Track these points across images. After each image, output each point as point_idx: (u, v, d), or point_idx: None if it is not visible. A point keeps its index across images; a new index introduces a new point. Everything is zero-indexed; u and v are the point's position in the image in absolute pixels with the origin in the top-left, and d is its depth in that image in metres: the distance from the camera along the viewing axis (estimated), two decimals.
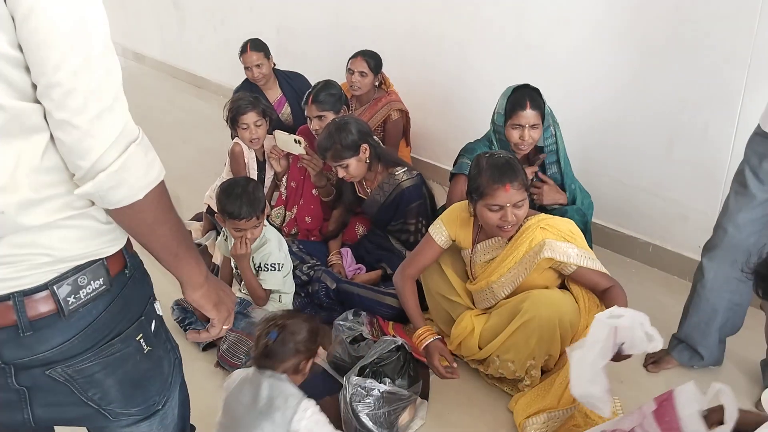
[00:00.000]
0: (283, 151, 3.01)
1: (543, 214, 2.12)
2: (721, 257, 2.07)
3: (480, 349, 2.19)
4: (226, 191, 2.29)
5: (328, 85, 2.94)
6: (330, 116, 2.84)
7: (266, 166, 3.14)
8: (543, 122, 2.42)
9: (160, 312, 1.17)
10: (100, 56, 0.88)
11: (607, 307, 1.97)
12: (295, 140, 2.88)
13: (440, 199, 2.79)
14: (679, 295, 2.38)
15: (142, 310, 1.10)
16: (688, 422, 1.38)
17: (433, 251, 2.24)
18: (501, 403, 2.18)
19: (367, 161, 2.58)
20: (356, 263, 2.81)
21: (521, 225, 2.07)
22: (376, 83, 3.42)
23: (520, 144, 2.42)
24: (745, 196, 1.95)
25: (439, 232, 2.23)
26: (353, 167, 2.54)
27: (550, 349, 2.06)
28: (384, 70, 3.45)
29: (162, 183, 0.99)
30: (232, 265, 2.48)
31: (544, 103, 2.43)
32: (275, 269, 2.40)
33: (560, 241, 2.02)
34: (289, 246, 2.77)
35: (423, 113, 3.73)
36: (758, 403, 2.12)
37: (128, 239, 1.08)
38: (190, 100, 5.86)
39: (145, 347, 1.10)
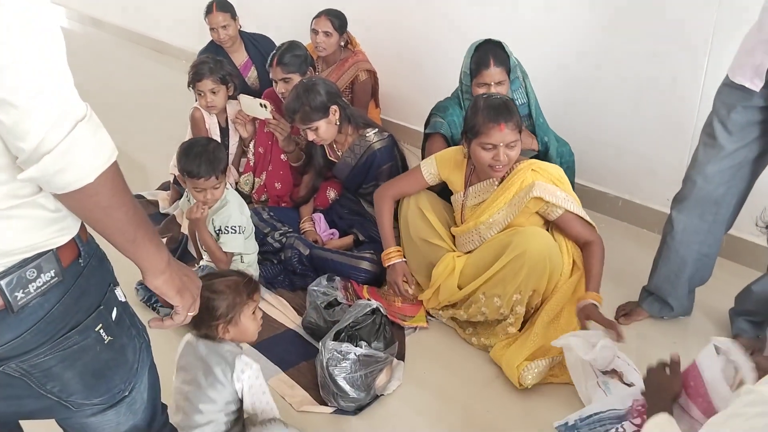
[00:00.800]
0: (248, 116, 2.94)
1: (533, 159, 2.16)
2: (690, 209, 2.08)
3: (460, 289, 2.21)
4: (185, 151, 2.27)
5: (292, 46, 2.86)
6: (296, 78, 2.77)
7: (230, 132, 3.06)
8: (509, 76, 2.40)
9: (122, 298, 1.11)
10: (38, 27, 0.81)
11: (586, 272, 2.08)
12: (260, 104, 2.81)
13: (411, 161, 2.75)
14: (648, 248, 2.41)
15: (101, 299, 1.05)
16: (714, 386, 1.38)
17: (416, 182, 2.30)
18: (477, 359, 2.20)
19: (337, 123, 2.53)
20: (329, 228, 2.77)
21: (512, 168, 2.13)
22: (342, 43, 3.34)
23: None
24: (714, 148, 1.95)
25: (429, 166, 2.28)
26: (323, 129, 2.49)
27: (538, 283, 2.08)
28: (350, 29, 3.37)
29: (115, 164, 0.93)
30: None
31: (508, 56, 2.40)
32: (236, 231, 2.37)
33: (549, 184, 2.09)
34: (259, 213, 2.75)
35: (391, 73, 3.67)
36: None
37: (82, 225, 1.01)
38: (152, 66, 5.70)
39: (106, 337, 1.05)
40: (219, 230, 2.37)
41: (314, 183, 2.78)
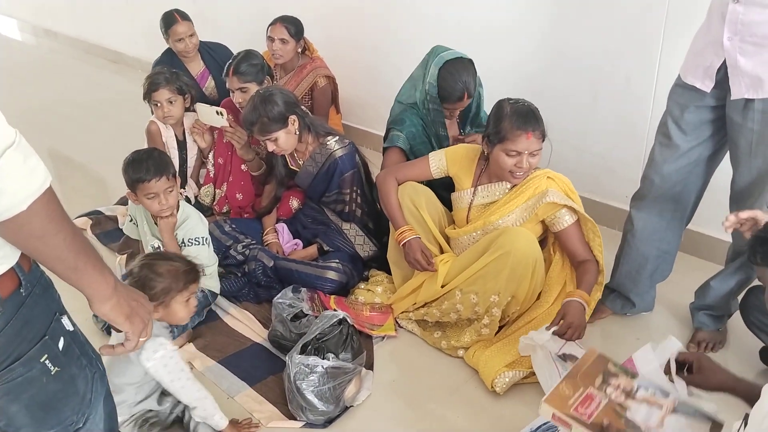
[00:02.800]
0: (206, 125, 2.88)
1: (548, 168, 2.17)
2: (648, 207, 2.10)
3: (442, 287, 2.20)
4: (129, 161, 2.25)
5: (248, 55, 2.80)
6: (253, 88, 2.72)
7: (188, 144, 2.99)
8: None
9: (70, 327, 1.06)
10: None
11: (578, 283, 2.08)
12: (216, 112, 2.75)
13: (375, 167, 2.72)
14: (609, 244, 2.41)
15: (46, 329, 1.00)
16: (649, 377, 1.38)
17: (422, 170, 2.28)
18: (446, 365, 2.18)
19: (297, 132, 2.48)
20: (293, 238, 2.73)
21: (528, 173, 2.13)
22: (299, 50, 3.30)
23: (449, 116, 2.47)
24: (669, 147, 1.97)
25: (438, 159, 2.26)
26: (282, 140, 2.45)
27: (518, 289, 2.07)
28: (307, 35, 3.33)
29: (49, 190, 0.88)
30: (151, 246, 2.37)
31: (476, 81, 2.40)
32: (200, 243, 2.33)
33: (562, 193, 2.10)
34: (221, 226, 2.69)
35: (351, 78, 3.64)
36: (689, 345, 2.20)
37: (23, 253, 0.97)
38: (108, 77, 5.56)
39: (53, 368, 1.00)
40: (183, 243, 2.32)
41: (276, 193, 2.73)
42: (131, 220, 2.42)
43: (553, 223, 2.14)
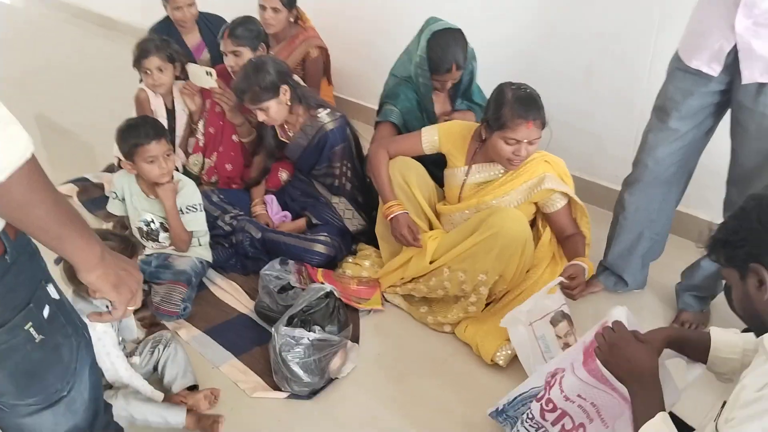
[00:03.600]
0: (196, 86, 2.83)
1: (545, 151, 2.15)
2: (641, 191, 2.09)
3: (430, 263, 2.20)
4: (124, 128, 2.24)
5: (246, 20, 2.78)
6: (246, 53, 2.69)
7: (176, 113, 2.94)
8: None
9: (55, 295, 1.05)
10: None
11: (567, 255, 2.11)
12: (206, 72, 2.72)
13: (365, 141, 2.70)
14: (600, 223, 2.41)
15: (30, 297, 0.99)
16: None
17: (413, 146, 2.26)
18: (431, 340, 2.18)
19: (288, 103, 2.46)
20: (281, 210, 2.71)
21: None
22: (291, 19, 3.23)
23: (441, 89, 2.43)
24: (665, 131, 1.95)
25: (430, 135, 2.24)
26: (273, 110, 2.42)
27: (506, 268, 2.06)
28: (299, 4, 3.26)
29: (31, 160, 0.86)
30: (142, 222, 2.35)
31: (466, 52, 2.36)
32: (197, 210, 2.35)
33: (557, 177, 2.10)
34: (209, 196, 2.67)
35: (343, 49, 3.58)
36: (672, 325, 2.21)
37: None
38: (100, 44, 5.46)
39: (37, 336, 1.00)
40: (180, 211, 2.33)
41: (265, 164, 2.70)
42: (116, 197, 2.39)
43: (546, 205, 2.15)
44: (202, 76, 2.74)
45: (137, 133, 2.18)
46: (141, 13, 4.87)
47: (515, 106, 1.96)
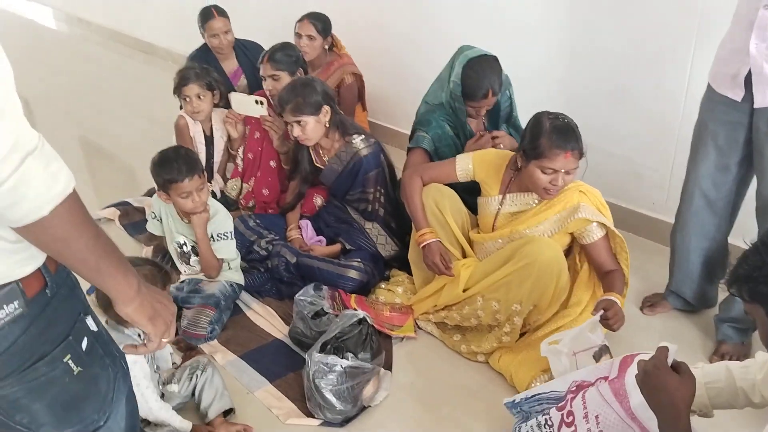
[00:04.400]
0: (240, 115, 2.90)
1: (579, 180, 2.14)
2: (693, 224, 2.12)
3: (464, 292, 2.20)
4: (158, 163, 2.28)
5: (286, 46, 2.87)
6: (285, 77, 2.77)
7: (215, 140, 3.02)
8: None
9: (94, 327, 1.08)
10: None
11: (604, 290, 2.06)
12: (255, 101, 2.78)
13: (400, 165, 2.72)
14: (634, 250, 2.35)
15: (70, 330, 1.02)
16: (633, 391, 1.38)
17: (447, 172, 2.27)
18: (465, 368, 2.18)
19: (327, 125, 2.51)
20: (316, 235, 2.74)
21: None
22: (326, 46, 3.30)
23: (475, 115, 2.45)
24: (707, 161, 1.97)
25: (464, 162, 2.24)
26: (310, 127, 2.47)
27: (541, 298, 2.06)
28: (335, 31, 3.33)
29: (72, 195, 0.90)
30: (176, 243, 2.41)
31: (501, 79, 2.37)
32: (227, 238, 2.40)
33: (593, 208, 2.08)
34: (245, 221, 2.73)
35: (378, 75, 3.63)
36: (712, 357, 2.17)
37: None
38: (139, 68, 5.62)
39: (75, 368, 1.02)
40: (212, 238, 2.38)
41: (300, 189, 2.75)
42: (155, 217, 2.46)
43: (583, 236, 2.12)
44: (249, 104, 2.81)
45: (170, 169, 2.23)
46: (180, 39, 5.00)
47: (553, 136, 1.96)
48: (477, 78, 2.32)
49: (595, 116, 2.82)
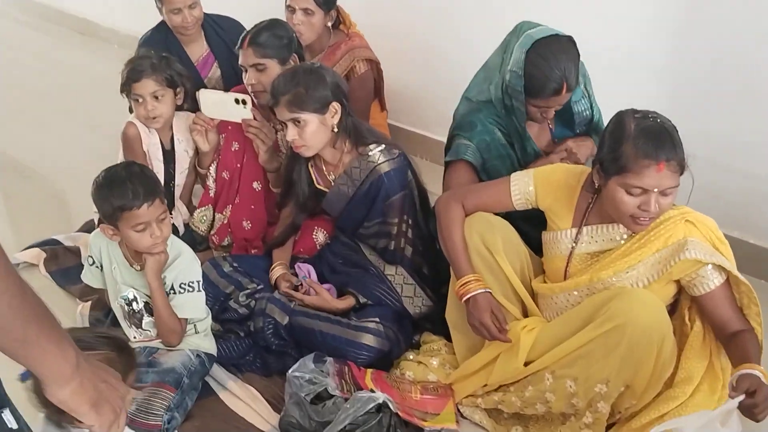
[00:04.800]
0: (213, 119, 2.91)
1: (685, 206, 2.12)
2: None
3: (526, 366, 2.18)
4: (104, 184, 2.27)
5: (274, 24, 2.87)
6: (273, 67, 2.78)
7: (176, 155, 3.04)
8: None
9: (13, 424, 1.09)
10: None
11: (733, 359, 2.01)
12: (235, 100, 2.78)
13: (433, 188, 2.73)
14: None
15: None
16: None
17: (498, 196, 2.27)
18: None
19: (334, 129, 2.53)
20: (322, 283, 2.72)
21: None
22: (329, 23, 3.33)
23: (540, 120, 2.46)
24: None
25: (523, 183, 2.24)
26: (311, 129, 2.48)
27: (636, 376, 2.02)
28: (341, 3, 3.37)
29: None
30: (122, 299, 2.42)
31: (578, 69, 2.37)
32: (193, 289, 2.39)
33: (706, 243, 2.05)
34: (219, 265, 2.74)
35: (400, 64, 3.67)
36: None
37: None
38: (74, 55, 5.72)
39: None
40: (172, 290, 2.37)
41: (295, 220, 2.76)
42: (93, 263, 2.46)
43: (693, 284, 2.08)
44: (226, 104, 2.82)
45: (122, 192, 2.21)
46: (128, 16, 5.09)
47: (640, 142, 1.94)
48: (547, 67, 2.32)
49: (709, 119, 2.82)
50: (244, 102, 2.78)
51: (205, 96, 2.87)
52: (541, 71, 2.33)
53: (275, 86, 2.52)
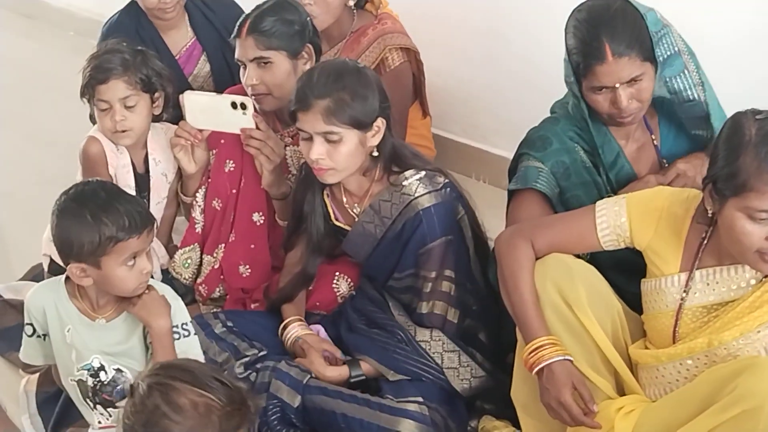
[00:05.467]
0: (201, 131, 2.91)
1: None
2: None
3: None
4: (77, 209, 2.24)
5: (280, 5, 2.89)
6: (282, 61, 2.83)
7: (151, 180, 3.06)
8: (653, 58, 2.39)
9: None
10: None
11: None
12: (232, 104, 2.80)
13: (492, 217, 2.73)
14: None
15: None
16: None
17: (580, 232, 2.27)
18: None
19: (374, 153, 2.55)
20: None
21: None
22: (350, 1, 3.37)
23: (616, 114, 2.41)
24: None
25: (613, 214, 2.23)
26: (346, 150, 2.49)
27: None
28: None
29: None
30: (85, 369, 2.43)
31: (640, 24, 2.36)
32: (189, 332, 2.44)
33: None
34: (208, 324, 2.76)
35: (447, 54, 3.72)
36: None
37: None
38: (16, 44, 5.82)
39: None
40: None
41: (306, 266, 2.77)
42: (33, 333, 2.47)
43: None
44: (222, 111, 2.83)
45: (116, 219, 2.22)
46: None
47: (763, 151, 1.95)
48: (583, 27, 2.36)
49: None
50: (243, 106, 2.79)
51: (191, 100, 2.88)
52: (576, 36, 2.37)
53: (309, 84, 2.50)
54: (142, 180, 3.06)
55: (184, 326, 2.42)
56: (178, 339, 2.40)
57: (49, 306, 2.42)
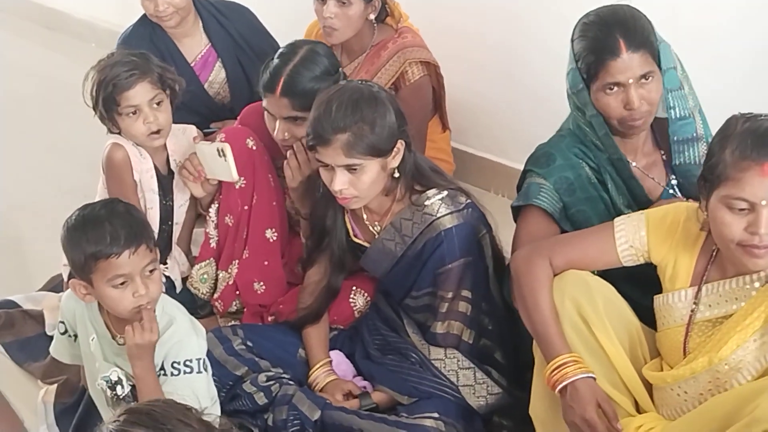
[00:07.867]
0: (202, 170, 2.93)
1: None
2: None
3: None
4: (77, 226, 2.27)
5: (311, 58, 2.84)
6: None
7: (174, 182, 3.08)
8: (659, 64, 2.40)
9: None
10: None
11: None
12: (217, 150, 2.82)
13: (509, 236, 2.71)
14: None
15: None
16: None
17: (599, 247, 2.27)
18: None
19: (395, 174, 2.55)
20: (356, 375, 2.77)
21: None
22: (371, 16, 3.36)
23: (627, 117, 2.41)
24: None
25: (631, 228, 2.24)
26: (369, 178, 2.48)
27: None
28: None
29: None
30: (103, 380, 2.42)
31: (650, 28, 2.39)
32: (194, 369, 2.35)
33: None
34: (227, 339, 2.75)
35: (467, 69, 3.72)
36: None
37: None
38: (37, 55, 5.84)
39: None
40: (163, 371, 2.36)
41: (331, 281, 2.77)
42: (65, 331, 2.49)
43: None
44: (216, 159, 2.84)
45: (98, 236, 2.22)
46: (109, 3, 5.18)
47: (741, 143, 1.96)
48: (594, 27, 2.38)
49: None
50: (222, 152, 2.81)
51: (200, 150, 2.92)
52: (587, 36, 2.39)
53: (327, 117, 2.45)
54: (166, 182, 3.09)
55: (188, 362, 2.35)
56: (177, 375, 2.34)
57: (80, 312, 2.44)
